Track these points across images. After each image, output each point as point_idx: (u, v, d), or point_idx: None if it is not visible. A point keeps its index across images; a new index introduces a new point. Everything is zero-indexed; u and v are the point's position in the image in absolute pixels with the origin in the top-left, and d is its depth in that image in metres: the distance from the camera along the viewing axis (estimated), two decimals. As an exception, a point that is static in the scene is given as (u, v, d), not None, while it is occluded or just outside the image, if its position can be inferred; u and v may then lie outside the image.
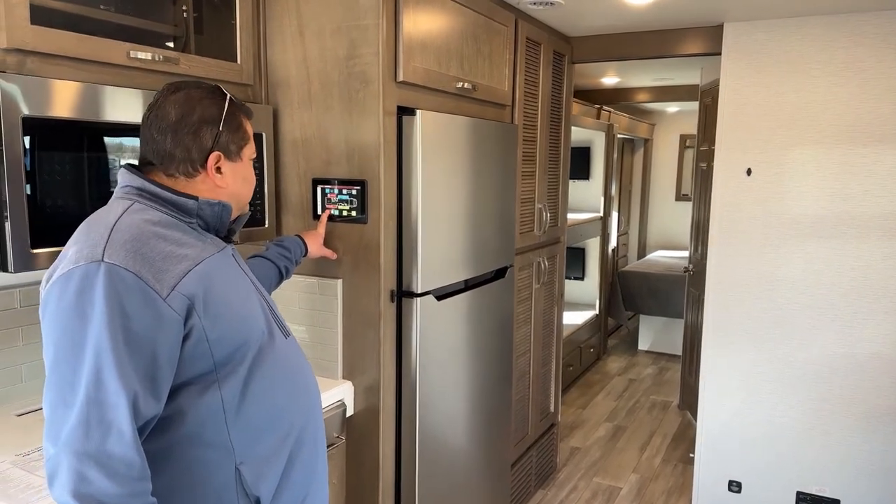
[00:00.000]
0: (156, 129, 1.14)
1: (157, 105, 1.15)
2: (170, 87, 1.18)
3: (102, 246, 1.01)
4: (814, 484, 2.86)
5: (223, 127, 1.16)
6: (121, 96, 1.52)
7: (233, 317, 1.12)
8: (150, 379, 1.01)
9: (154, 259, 1.03)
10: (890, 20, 2.56)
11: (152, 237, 1.05)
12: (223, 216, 1.18)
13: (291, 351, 1.25)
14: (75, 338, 0.98)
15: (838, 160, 2.70)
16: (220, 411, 1.10)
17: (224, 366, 1.10)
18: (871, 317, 2.70)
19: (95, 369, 0.97)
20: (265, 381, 1.15)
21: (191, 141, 1.14)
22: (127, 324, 0.98)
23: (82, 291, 0.98)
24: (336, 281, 1.98)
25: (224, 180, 1.18)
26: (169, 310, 1.02)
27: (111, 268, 0.99)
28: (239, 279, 1.19)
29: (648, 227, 7.44)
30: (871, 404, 2.74)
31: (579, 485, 3.36)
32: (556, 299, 3.28)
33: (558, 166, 3.16)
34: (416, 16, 1.95)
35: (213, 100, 1.17)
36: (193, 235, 1.12)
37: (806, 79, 2.71)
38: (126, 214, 1.07)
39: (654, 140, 7.28)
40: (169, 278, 1.03)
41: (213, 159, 1.16)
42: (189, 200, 1.13)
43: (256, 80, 1.99)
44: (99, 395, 0.96)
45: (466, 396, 2.32)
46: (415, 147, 1.93)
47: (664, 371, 5.29)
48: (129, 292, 0.99)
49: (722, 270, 2.94)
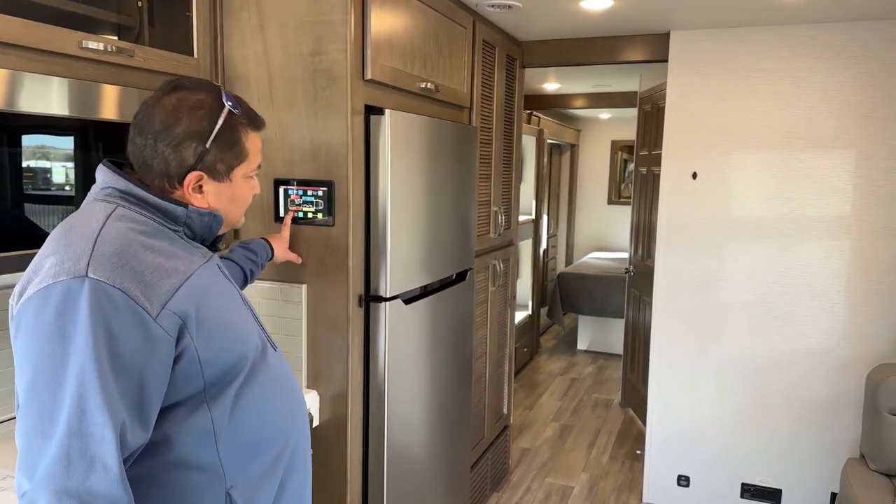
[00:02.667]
0: (138, 133, 1.03)
1: (148, 105, 1.05)
2: (167, 85, 1.06)
3: (86, 259, 0.90)
4: (757, 475, 2.99)
5: (212, 144, 1.04)
6: (39, 85, 1.37)
7: (226, 335, 1.03)
8: (137, 406, 0.91)
9: (143, 273, 0.93)
10: (822, 32, 2.71)
11: (140, 248, 0.95)
12: (213, 227, 1.08)
13: (280, 365, 1.16)
14: (55, 361, 0.87)
15: (778, 165, 2.83)
16: (210, 432, 1.01)
17: (214, 385, 1.01)
18: (809, 314, 2.84)
19: (78, 397, 0.86)
20: (256, 399, 1.07)
21: (170, 154, 1.02)
22: (113, 346, 0.89)
23: (63, 310, 0.88)
24: (300, 286, 1.90)
25: (204, 200, 1.06)
26: (160, 330, 0.92)
27: (97, 284, 0.89)
28: (229, 292, 1.09)
29: (577, 230, 7.65)
30: (809, 397, 2.88)
31: (532, 486, 3.38)
32: (509, 301, 3.29)
33: (511, 169, 3.17)
34: (383, 12, 1.90)
35: (207, 111, 1.04)
36: (180, 245, 1.02)
37: (748, 86, 2.83)
38: (110, 221, 0.96)
39: (581, 145, 7.47)
40: (159, 295, 0.93)
41: (193, 179, 1.04)
42: (178, 208, 1.03)
43: (213, 75, 1.88)
44: (82, 427, 0.86)
45: (430, 402, 2.28)
46: (383, 147, 1.88)
47: (603, 370, 5.41)
48: (116, 311, 0.89)
49: (669, 271, 3.03)
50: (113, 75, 1.55)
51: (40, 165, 1.41)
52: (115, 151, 1.58)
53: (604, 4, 2.50)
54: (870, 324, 2.77)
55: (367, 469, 2.01)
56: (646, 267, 4.00)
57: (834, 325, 2.81)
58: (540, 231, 5.88)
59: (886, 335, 2.76)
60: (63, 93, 1.40)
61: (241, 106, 1.09)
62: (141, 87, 1.61)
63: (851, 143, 2.73)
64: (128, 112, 1.54)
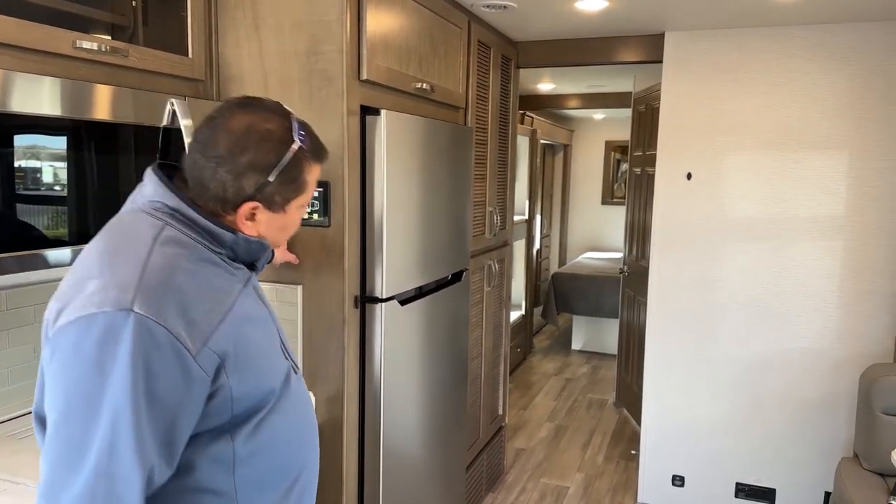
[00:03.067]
0: (200, 152, 0.99)
1: (214, 122, 0.99)
2: (238, 104, 1.00)
3: (133, 291, 0.87)
4: (751, 475, 3.00)
5: (274, 178, 0.99)
6: (31, 85, 1.35)
7: (259, 371, 1.01)
8: (166, 445, 0.90)
9: (187, 308, 0.90)
10: (815, 33, 2.73)
11: (185, 279, 0.92)
12: (258, 254, 1.06)
13: (300, 391, 1.14)
14: (91, 395, 0.85)
15: (772, 165, 2.84)
16: (230, 460, 0.99)
17: (239, 416, 0.99)
18: (803, 314, 2.86)
19: (111, 438, 0.85)
20: (276, 429, 1.05)
21: (230, 182, 0.98)
22: (151, 386, 0.86)
23: (105, 344, 0.85)
24: (296, 287, 1.89)
25: (254, 228, 1.03)
26: (198, 370, 0.90)
27: (141, 320, 0.86)
28: (263, 319, 1.07)
29: (570, 230, 7.66)
30: (803, 397, 2.89)
31: (527, 486, 3.38)
32: (504, 301, 3.29)
33: (506, 170, 3.17)
34: (379, 12, 1.89)
35: (275, 143, 0.99)
36: (222, 269, 1.00)
37: (742, 87, 2.84)
38: (158, 246, 0.93)
39: (575, 146, 7.49)
40: (200, 331, 0.91)
41: (248, 208, 1.00)
42: (227, 233, 1.00)
43: (208, 75, 1.87)
44: (111, 468, 0.85)
45: (426, 403, 2.28)
46: (379, 148, 1.88)
47: (597, 370, 5.42)
48: (158, 350, 0.87)
49: (664, 272, 3.04)
50: (107, 75, 1.54)
51: (32, 165, 1.40)
52: (108, 151, 1.57)
53: (599, 5, 2.51)
54: (863, 324, 2.78)
55: (362, 470, 2.00)
56: (640, 267, 4.01)
57: (827, 326, 2.83)
58: (533, 231, 5.89)
59: (879, 335, 2.77)
60: (56, 93, 1.39)
61: (308, 137, 1.04)
62: (135, 87, 1.60)
63: (844, 144, 2.74)
64: (121, 112, 1.53)
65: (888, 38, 2.64)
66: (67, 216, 1.53)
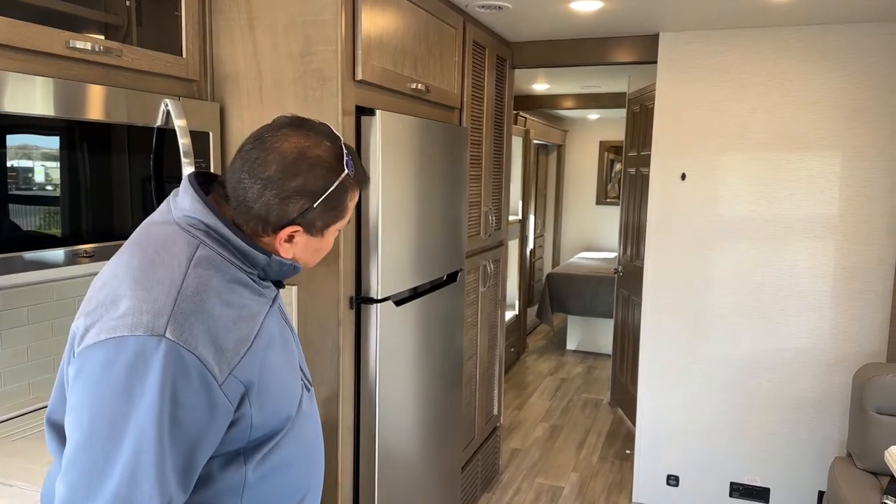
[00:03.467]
0: (248, 172, 0.97)
1: (264, 143, 0.98)
2: (290, 125, 0.99)
3: (167, 316, 0.87)
4: (746, 474, 3.01)
5: (319, 204, 0.98)
6: (23, 85, 1.35)
7: (278, 399, 1.01)
8: (184, 472, 0.89)
9: (217, 334, 0.90)
10: (810, 35, 2.74)
11: (218, 304, 0.92)
12: (288, 275, 1.05)
13: (311, 411, 1.14)
14: (116, 420, 0.84)
15: (766, 166, 2.85)
16: (241, 485, 0.98)
17: (254, 441, 0.99)
18: (797, 314, 2.87)
19: (133, 465, 0.84)
20: (288, 451, 1.05)
21: (276, 205, 0.97)
22: (176, 414, 0.86)
23: (135, 368, 0.85)
24: (291, 288, 1.88)
25: (291, 251, 1.03)
26: (223, 399, 0.90)
27: (173, 347, 0.85)
28: (284, 339, 1.06)
29: (564, 230, 7.68)
30: (797, 397, 2.91)
31: (522, 486, 3.38)
32: (499, 302, 3.29)
33: (501, 170, 3.17)
34: (374, 12, 1.89)
35: (327, 171, 0.98)
36: (251, 289, 0.99)
37: (736, 88, 2.85)
38: (192, 268, 0.92)
39: (569, 146, 7.50)
40: (228, 358, 0.91)
41: (288, 231, 1.00)
42: (260, 255, 0.99)
43: (202, 75, 1.87)
44: (131, 495, 0.84)
45: (421, 404, 2.28)
46: (374, 148, 1.88)
47: (592, 369, 5.43)
48: (186, 378, 0.86)
49: (658, 271, 3.05)
50: (100, 75, 1.53)
51: (24, 165, 1.39)
52: (102, 152, 1.56)
53: (593, 6, 2.51)
54: (856, 323, 2.80)
55: (357, 471, 2.00)
56: (635, 267, 4.02)
57: (821, 325, 2.84)
58: (527, 231, 5.91)
59: (872, 335, 2.78)
60: (48, 93, 1.38)
61: (355, 166, 1.03)
62: (129, 87, 1.59)
63: (837, 145, 2.75)
64: (114, 112, 1.52)
65: (881, 39, 2.66)
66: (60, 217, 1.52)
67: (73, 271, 1.86)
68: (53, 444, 1.00)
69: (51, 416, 1.01)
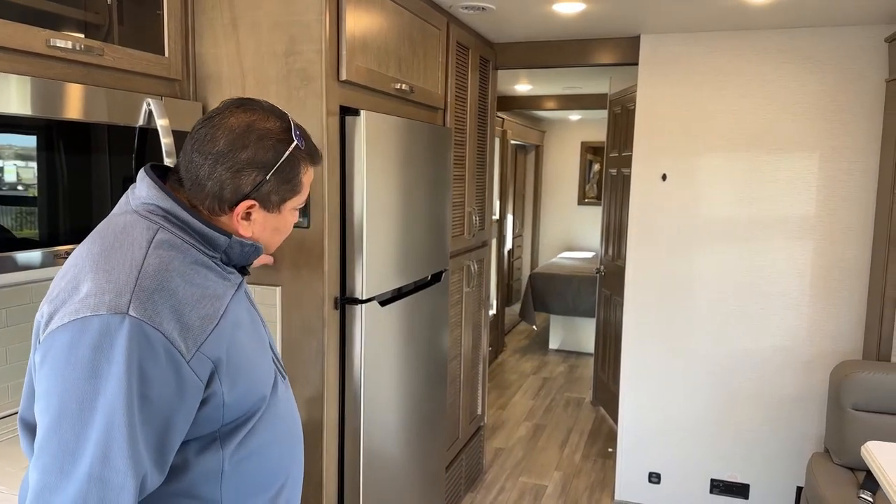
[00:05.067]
0: (197, 150, 0.99)
1: (212, 121, 0.99)
2: (237, 104, 1.01)
3: (129, 294, 0.87)
4: (726, 471, 3.05)
5: (272, 176, 1.00)
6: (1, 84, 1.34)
7: (250, 378, 1.01)
8: (159, 451, 0.89)
9: (182, 312, 0.90)
10: (789, 38, 2.78)
11: (181, 283, 0.92)
12: (251, 257, 1.05)
13: (288, 397, 1.15)
14: (84, 400, 0.84)
15: (745, 166, 2.89)
16: (218, 470, 0.98)
17: (229, 424, 0.99)
18: (775, 313, 2.91)
19: (104, 443, 0.84)
20: (264, 437, 1.05)
21: (228, 179, 0.98)
22: (145, 390, 0.86)
23: (100, 348, 0.84)
24: (275, 289, 1.88)
25: (249, 228, 1.03)
26: (192, 374, 0.90)
27: (137, 324, 0.85)
28: (253, 323, 1.07)
29: (546, 230, 7.72)
30: (776, 394, 2.95)
31: (506, 485, 3.39)
32: (483, 302, 3.30)
33: (485, 170, 3.18)
34: (358, 13, 1.89)
35: (275, 142, 1.00)
36: (215, 272, 0.99)
37: (717, 90, 2.89)
38: (153, 249, 0.92)
39: (549, 146, 7.54)
40: (194, 335, 0.91)
41: (245, 206, 1.00)
42: (221, 237, 0.99)
43: (184, 74, 1.85)
44: (104, 473, 0.84)
45: (406, 403, 2.28)
46: (359, 149, 1.87)
47: (574, 368, 5.47)
48: (153, 355, 0.86)
49: (640, 271, 3.08)
50: (81, 74, 1.52)
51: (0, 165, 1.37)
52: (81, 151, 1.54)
53: (576, 8, 2.53)
54: (833, 322, 2.85)
55: (342, 471, 1.99)
56: (616, 267, 4.05)
57: (799, 324, 2.89)
58: (504, 231, 5.94)
59: (849, 333, 2.84)
60: (25, 92, 1.36)
61: (305, 140, 1.05)
62: (110, 86, 1.57)
63: (815, 146, 2.80)
64: (94, 112, 1.50)
65: (858, 42, 2.71)
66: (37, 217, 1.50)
67: (51, 273, 1.83)
68: (27, 444, 0.99)
69: (23, 416, 0.99)
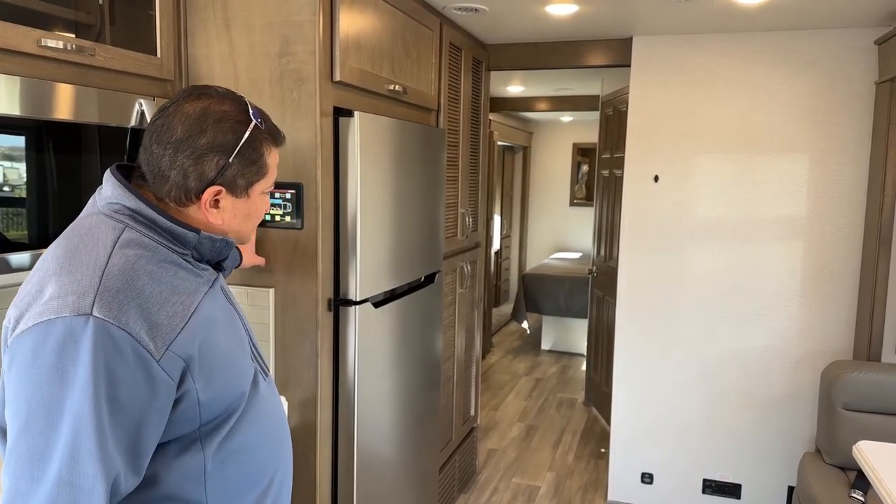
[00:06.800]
0: (156, 141, 0.97)
1: (167, 111, 0.98)
2: (190, 92, 1.00)
3: (92, 295, 0.85)
4: (718, 471, 3.06)
5: (235, 159, 0.98)
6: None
7: (226, 375, 0.99)
8: (132, 454, 0.88)
9: (149, 310, 0.88)
10: (780, 40, 2.80)
11: (147, 281, 0.90)
12: (223, 251, 1.04)
13: (271, 394, 1.13)
14: (51, 404, 0.83)
15: (736, 168, 2.91)
16: (201, 471, 0.97)
17: (209, 423, 0.98)
18: (765, 313, 2.93)
19: (72, 447, 0.82)
20: (248, 433, 1.03)
21: (191, 166, 0.96)
22: (114, 392, 0.84)
23: (64, 350, 0.83)
24: (268, 290, 1.87)
25: (219, 216, 1.01)
26: (162, 374, 0.88)
27: (101, 324, 0.84)
28: (230, 320, 1.05)
29: (538, 231, 7.74)
30: (767, 394, 2.97)
31: (499, 486, 3.40)
32: (477, 303, 3.30)
33: (478, 171, 3.19)
34: (352, 14, 1.89)
35: (234, 123, 0.98)
36: (185, 269, 0.97)
37: (708, 91, 2.91)
38: (118, 249, 0.91)
39: (541, 148, 7.56)
40: (163, 334, 0.89)
41: (211, 193, 0.99)
42: (189, 233, 0.98)
43: (177, 75, 1.84)
44: (73, 478, 0.82)
45: (400, 405, 2.27)
46: (352, 150, 1.87)
47: (567, 369, 5.48)
48: (120, 354, 0.85)
49: (632, 272, 3.09)
50: (73, 74, 1.50)
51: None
52: (71, 152, 1.53)
53: (568, 10, 2.53)
54: (823, 322, 2.87)
55: (336, 474, 1.99)
56: (608, 268, 4.06)
57: (790, 324, 2.91)
58: (491, 231, 5.96)
59: (839, 333, 2.86)
60: (14, 91, 1.35)
61: (265, 120, 1.04)
62: (102, 86, 1.56)
63: (805, 148, 2.82)
64: (85, 112, 1.49)
65: (847, 45, 2.73)
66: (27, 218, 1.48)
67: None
68: (1, 450, 0.98)
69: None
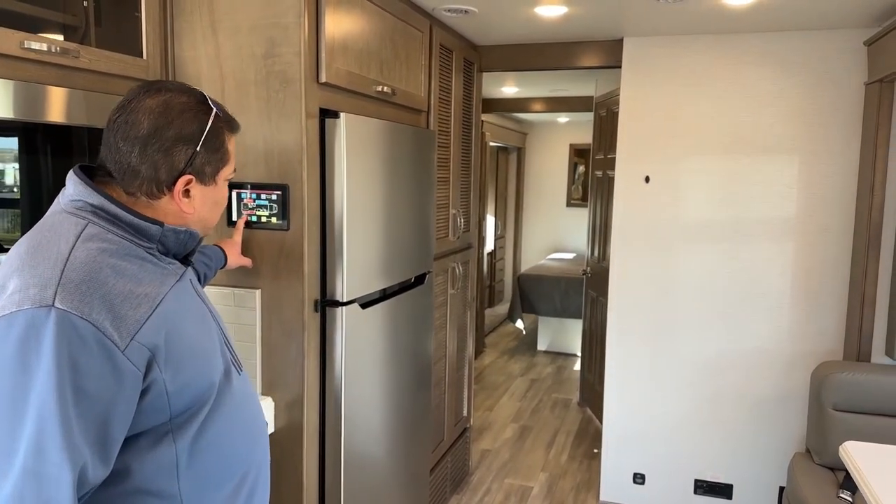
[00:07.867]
0: (122, 138, 0.98)
1: (127, 108, 0.99)
2: (147, 88, 1.01)
3: (54, 287, 0.86)
4: (709, 471, 3.07)
5: (201, 147, 1.01)
6: None
7: (195, 365, 1.00)
8: (100, 443, 0.88)
9: (112, 302, 0.89)
10: (768, 41, 2.81)
11: (110, 273, 0.91)
12: (188, 244, 1.05)
13: (246, 388, 1.14)
14: (15, 395, 0.83)
15: (726, 169, 2.91)
16: (173, 464, 0.98)
17: (180, 415, 0.98)
18: (757, 314, 2.93)
19: (37, 437, 0.83)
20: (221, 426, 1.04)
21: (161, 159, 0.99)
22: (78, 382, 0.85)
23: (27, 342, 0.84)
24: (254, 291, 1.87)
25: (191, 205, 1.04)
26: (128, 364, 0.89)
27: (64, 315, 0.84)
28: (199, 313, 1.06)
29: (535, 232, 7.74)
30: (758, 395, 2.97)
31: (492, 487, 3.40)
32: (469, 303, 3.31)
33: (469, 172, 3.19)
34: (338, 16, 1.89)
35: (195, 113, 1.01)
36: (151, 263, 0.98)
37: (698, 92, 2.91)
38: (80, 243, 0.91)
39: (536, 148, 7.56)
40: (128, 325, 0.89)
41: (183, 183, 1.01)
42: (152, 226, 0.99)
43: (163, 76, 1.85)
44: (38, 468, 0.83)
45: (389, 406, 2.28)
46: (339, 151, 1.87)
47: (562, 370, 5.48)
48: (83, 344, 0.85)
49: (623, 273, 3.09)
50: (57, 76, 1.51)
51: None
52: (62, 153, 1.54)
53: (558, 11, 2.54)
54: (813, 323, 2.87)
55: (323, 476, 1.99)
56: (602, 269, 4.07)
57: (780, 325, 2.91)
58: (484, 232, 5.96)
59: (829, 333, 2.86)
60: (7, 94, 1.36)
61: (221, 109, 1.07)
62: (87, 88, 1.57)
63: (795, 149, 2.83)
64: (73, 114, 1.50)
65: (835, 47, 2.74)
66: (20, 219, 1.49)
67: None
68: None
69: None
